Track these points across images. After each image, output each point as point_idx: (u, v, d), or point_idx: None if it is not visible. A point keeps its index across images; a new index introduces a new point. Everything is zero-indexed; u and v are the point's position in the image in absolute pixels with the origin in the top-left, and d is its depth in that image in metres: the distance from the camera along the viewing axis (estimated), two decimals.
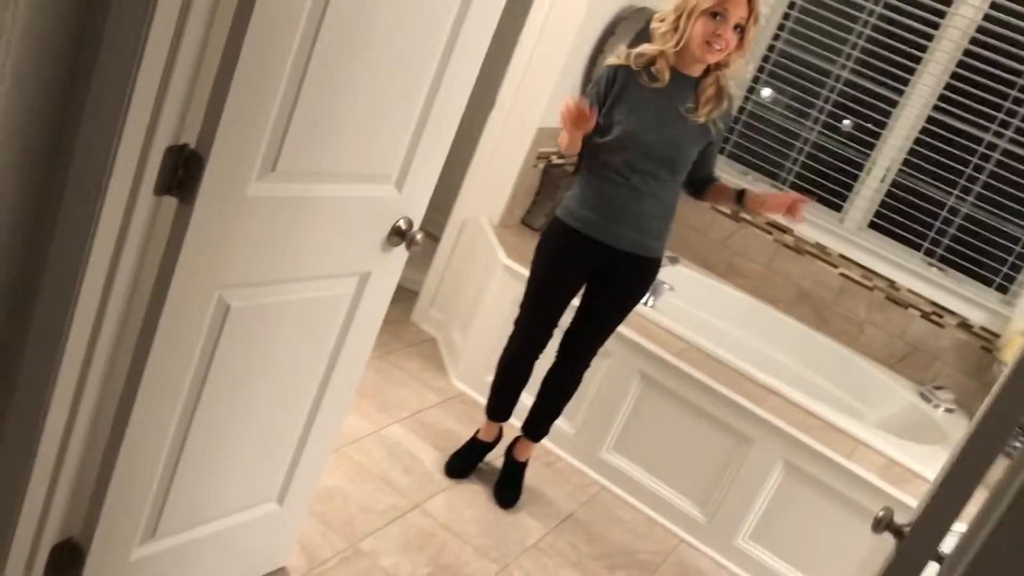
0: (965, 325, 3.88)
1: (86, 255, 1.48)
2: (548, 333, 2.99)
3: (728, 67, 2.74)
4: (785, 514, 3.12)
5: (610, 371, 3.35)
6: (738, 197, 2.83)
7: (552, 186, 3.90)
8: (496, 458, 3.24)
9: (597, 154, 2.79)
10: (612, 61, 2.79)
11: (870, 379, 3.91)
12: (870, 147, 4.11)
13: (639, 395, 3.33)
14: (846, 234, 4.12)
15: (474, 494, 3.08)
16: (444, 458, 3.16)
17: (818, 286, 4.19)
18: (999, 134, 3.82)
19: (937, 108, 3.94)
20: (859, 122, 4.13)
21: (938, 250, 4.01)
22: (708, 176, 2.91)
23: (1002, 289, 3.90)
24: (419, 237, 2.01)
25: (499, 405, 3.13)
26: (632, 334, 3.29)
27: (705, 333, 3.63)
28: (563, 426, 3.41)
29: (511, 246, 3.65)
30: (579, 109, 2.54)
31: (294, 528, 2.34)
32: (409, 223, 2.01)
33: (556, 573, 2.86)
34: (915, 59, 3.97)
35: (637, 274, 2.90)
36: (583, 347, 3.01)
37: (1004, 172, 3.83)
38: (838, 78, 4.14)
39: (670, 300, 3.92)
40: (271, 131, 1.59)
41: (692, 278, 4.19)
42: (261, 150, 1.60)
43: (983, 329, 3.85)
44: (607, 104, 2.74)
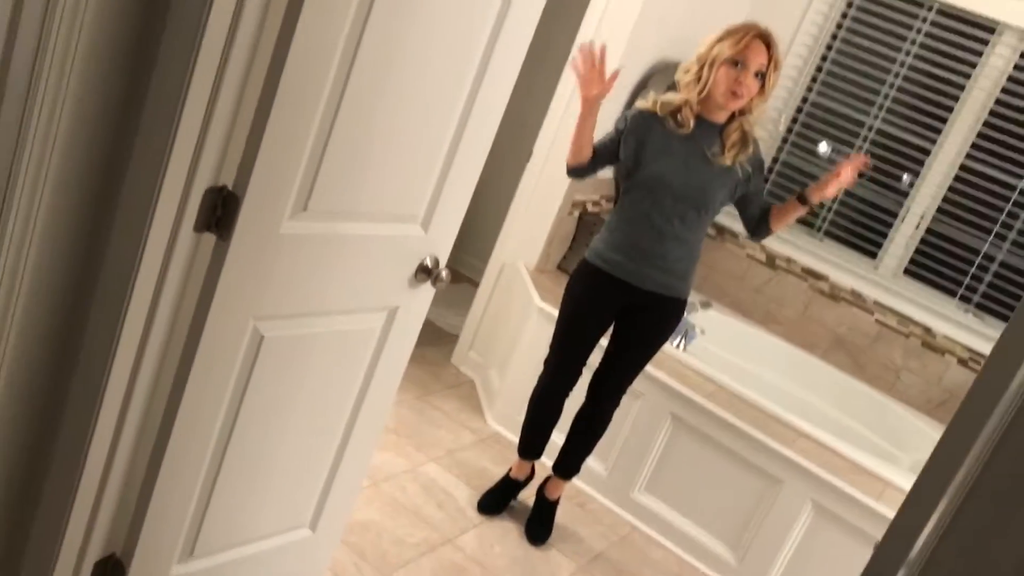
0: None
1: (131, 286, 1.61)
2: (577, 371, 3.07)
3: (751, 113, 2.84)
4: (815, 556, 3.13)
5: (641, 412, 3.41)
6: (800, 200, 2.90)
7: (587, 233, 4.01)
8: (528, 496, 3.31)
9: (625, 198, 2.89)
10: (641, 105, 2.90)
11: (906, 424, 3.91)
12: (904, 194, 4.15)
13: (670, 436, 3.39)
14: (881, 280, 4.15)
15: (505, 531, 3.15)
16: (477, 495, 3.24)
17: (854, 332, 4.21)
18: None
19: (970, 156, 3.98)
20: (892, 170, 4.18)
21: (974, 296, 4.02)
22: (763, 210, 2.98)
23: None
24: (444, 274, 2.12)
25: (530, 443, 3.21)
26: (663, 376, 3.36)
27: (739, 377, 3.68)
28: (595, 466, 3.47)
29: (546, 289, 3.76)
30: (593, 56, 2.63)
31: (327, 555, 2.43)
32: (435, 261, 2.12)
33: None
34: (947, 108, 4.02)
35: (663, 314, 2.98)
36: (612, 387, 3.09)
37: None
38: (871, 128, 4.20)
39: (702, 344, 3.97)
40: (303, 173, 1.73)
41: (726, 323, 4.24)
42: (294, 190, 1.73)
43: None
44: (631, 147, 2.84)
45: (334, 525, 2.37)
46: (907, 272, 4.17)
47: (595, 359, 3.09)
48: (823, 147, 4.37)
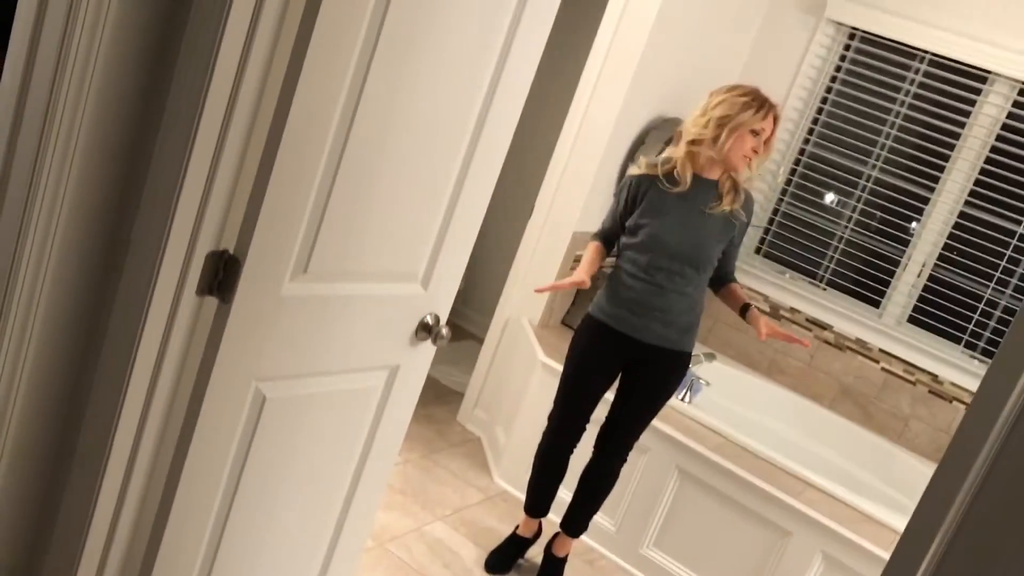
0: None
1: (135, 350, 1.64)
2: (581, 426, 3.07)
3: (749, 169, 2.89)
4: None
5: (648, 466, 3.40)
6: (743, 310, 2.99)
7: (591, 287, 4.03)
8: (536, 554, 3.28)
9: (625, 255, 2.93)
10: (634, 171, 2.95)
11: (916, 473, 3.88)
12: (905, 243, 4.18)
13: (677, 490, 3.37)
14: (886, 329, 4.15)
15: None
16: (484, 554, 3.22)
17: (861, 382, 4.20)
18: None
19: (968, 203, 4.01)
20: (892, 218, 4.21)
21: (979, 343, 4.02)
22: (727, 275, 3.04)
23: None
24: (445, 332, 2.14)
25: (536, 500, 3.19)
26: (669, 429, 3.35)
27: (746, 429, 3.67)
28: (603, 522, 3.45)
29: (550, 345, 3.77)
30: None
31: None
32: (436, 318, 2.14)
33: None
34: (944, 156, 4.06)
35: (667, 368, 2.99)
36: (618, 442, 3.08)
37: None
38: (869, 177, 4.25)
39: (708, 396, 3.97)
40: (303, 235, 1.76)
41: (732, 374, 4.24)
42: (294, 253, 1.76)
43: None
44: (631, 210, 2.90)
45: None
46: (911, 320, 4.18)
47: (601, 414, 3.09)
48: (829, 196, 4.41)
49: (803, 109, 4.37)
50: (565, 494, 3.21)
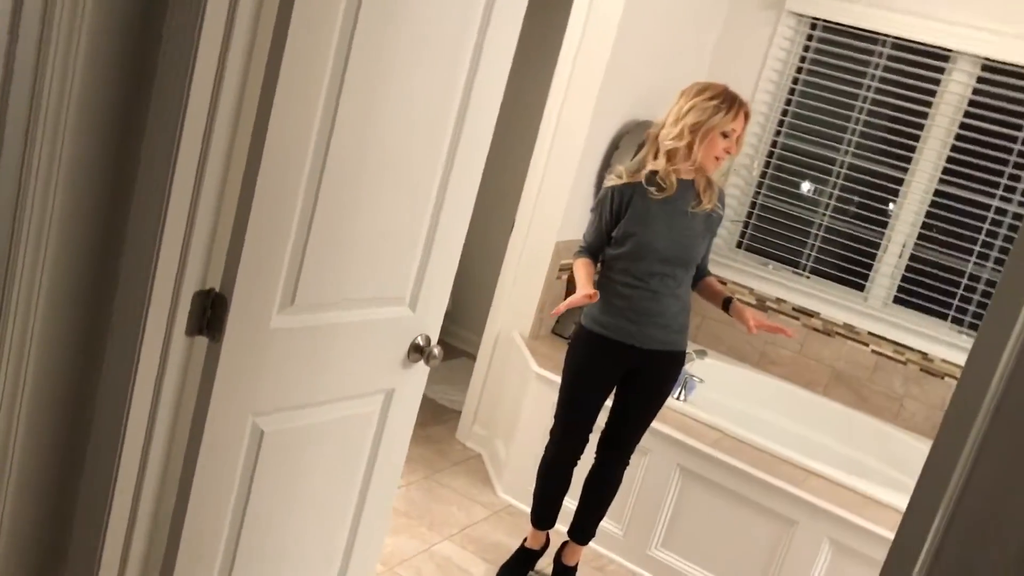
0: None
1: (130, 396, 1.64)
2: (583, 439, 3.08)
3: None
4: None
5: (649, 467, 3.41)
6: (725, 304, 3.01)
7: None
8: (546, 565, 3.29)
9: (615, 265, 2.93)
10: (612, 182, 2.94)
11: (914, 452, 3.90)
12: (884, 225, 4.22)
13: (680, 488, 3.38)
14: (872, 311, 4.19)
15: None
16: (494, 570, 3.22)
17: (852, 366, 4.23)
18: (1006, 198, 3.92)
19: (943, 181, 4.06)
20: (869, 202, 4.26)
21: (966, 317, 4.05)
22: (702, 269, 3.06)
23: None
24: (437, 351, 2.15)
25: (543, 513, 3.20)
26: (667, 429, 3.37)
27: (743, 422, 3.69)
28: (610, 527, 3.46)
29: (542, 356, 3.78)
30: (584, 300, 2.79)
31: None
32: (427, 339, 2.15)
33: None
34: (914, 137, 4.11)
35: (665, 370, 3.01)
36: (620, 447, 3.10)
37: (1017, 234, 3.90)
38: (842, 163, 4.29)
39: (702, 393, 3.99)
40: (287, 267, 1.77)
41: (724, 369, 4.26)
42: (280, 287, 1.77)
43: None
44: (616, 221, 2.90)
45: None
46: (896, 300, 4.21)
47: (600, 420, 3.10)
48: (806, 185, 4.44)
49: (771, 102, 4.41)
50: (570, 502, 3.22)
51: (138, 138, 1.58)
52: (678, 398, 3.82)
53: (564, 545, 3.25)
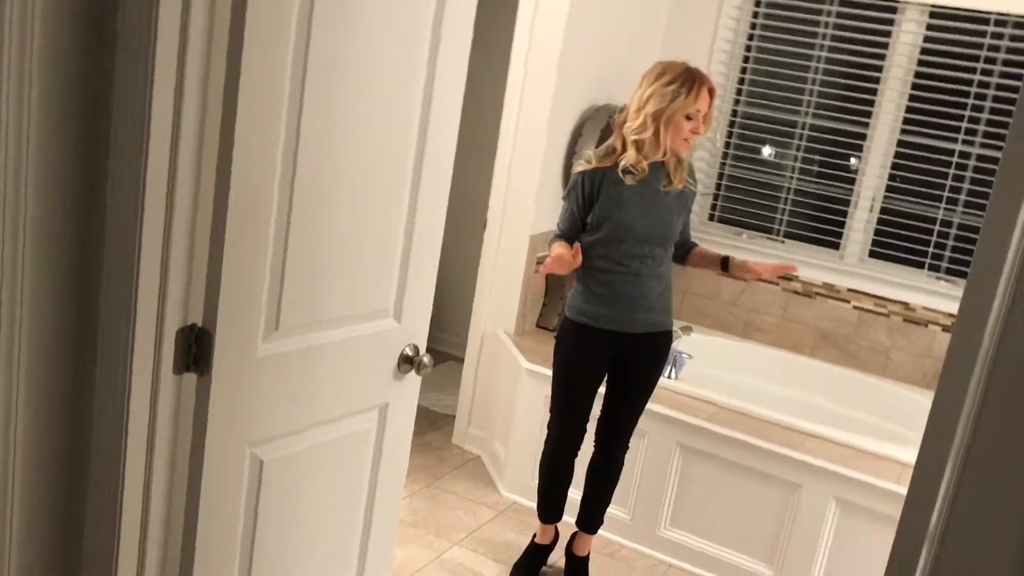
0: None
1: (124, 441, 1.62)
2: (581, 431, 3.07)
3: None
4: (851, 550, 3.13)
5: (649, 449, 3.42)
6: (723, 264, 2.99)
7: (558, 285, 4.05)
8: (558, 558, 3.29)
9: (592, 252, 2.92)
10: (582, 168, 2.92)
11: (908, 402, 3.94)
12: (851, 181, 4.24)
13: (682, 466, 3.39)
14: (849, 268, 4.21)
15: None
16: (507, 569, 3.22)
17: (836, 324, 4.26)
18: (968, 141, 3.95)
19: (904, 131, 4.09)
20: (834, 160, 4.28)
21: (942, 263, 4.09)
22: (687, 241, 3.05)
23: None
24: (427, 360, 2.14)
25: (548, 507, 3.19)
26: (662, 408, 3.37)
27: (736, 392, 3.70)
28: (617, 512, 3.46)
29: (530, 350, 3.78)
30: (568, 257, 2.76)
31: None
32: (415, 349, 2.14)
33: None
34: (871, 91, 4.14)
35: (654, 351, 3.02)
36: (618, 432, 3.10)
37: (984, 176, 3.94)
38: (804, 125, 4.31)
39: (693, 369, 4.00)
40: (268, 293, 1.75)
41: (711, 343, 4.28)
42: (262, 314, 1.75)
43: None
44: (591, 206, 2.89)
45: None
46: (872, 254, 4.24)
47: (596, 408, 3.09)
48: (767, 150, 4.46)
49: (727, 72, 4.42)
50: (575, 492, 3.22)
51: (104, 176, 1.55)
52: (669, 376, 3.83)
53: (574, 536, 3.25)
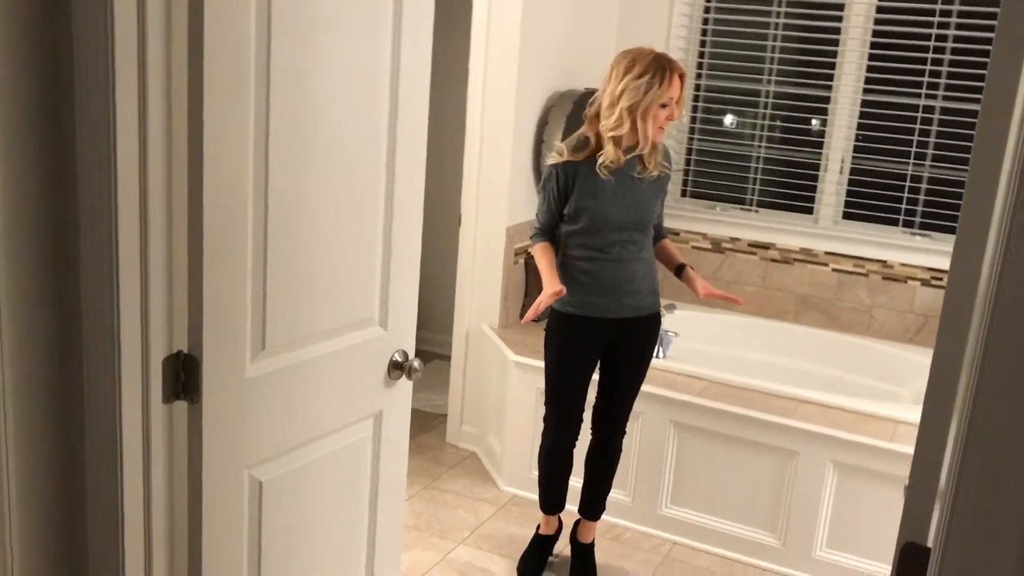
0: None
1: (120, 477, 1.59)
2: (578, 421, 3.07)
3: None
4: (852, 511, 3.15)
5: (644, 430, 3.42)
6: (678, 270, 3.05)
7: (537, 275, 4.03)
8: (564, 547, 3.29)
9: (572, 242, 2.91)
10: (555, 160, 2.89)
11: (893, 359, 3.97)
12: (819, 145, 4.26)
13: (678, 444, 3.40)
14: (824, 232, 4.24)
15: None
16: (514, 563, 3.21)
17: (817, 288, 4.28)
18: (931, 95, 3.98)
19: (867, 90, 4.11)
20: (801, 126, 4.29)
21: (915, 218, 4.12)
22: (658, 230, 3.06)
23: None
24: (417, 364, 2.13)
25: (550, 498, 3.19)
26: (653, 388, 3.37)
27: (725, 365, 3.72)
28: (618, 496, 3.47)
29: (516, 343, 3.77)
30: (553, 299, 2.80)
31: None
32: (404, 354, 2.12)
33: None
34: (831, 53, 4.15)
35: (644, 334, 3.02)
36: (614, 418, 3.10)
37: (949, 128, 3.98)
38: (768, 93, 4.32)
39: (680, 346, 4.01)
40: (251, 316, 1.73)
41: (695, 318, 4.29)
42: (248, 335, 1.73)
43: None
44: (567, 198, 2.88)
45: None
46: (846, 216, 4.27)
47: (590, 396, 3.09)
48: (728, 119, 4.48)
49: (687, 46, 4.42)
50: (575, 481, 3.22)
51: (74, 235, 1.52)
52: (657, 356, 3.81)
53: (577, 524, 3.25)
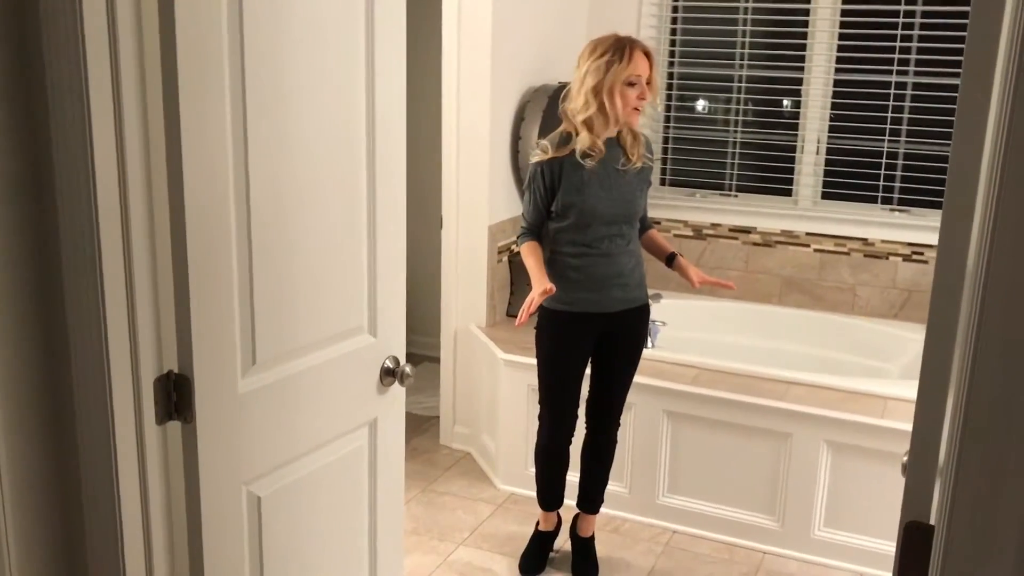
0: None
1: (117, 501, 1.58)
2: (573, 418, 3.07)
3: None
4: (848, 490, 3.17)
5: (637, 421, 3.43)
6: (669, 259, 3.06)
7: (522, 272, 4.03)
8: (564, 542, 3.29)
9: (561, 238, 2.91)
10: (538, 158, 2.89)
11: (879, 336, 4.00)
12: (794, 127, 4.28)
13: (672, 433, 3.41)
14: (804, 213, 4.26)
15: None
16: (515, 561, 3.21)
17: (799, 269, 4.30)
18: (902, 72, 4.00)
19: (839, 70, 4.13)
20: (775, 108, 4.31)
21: (893, 195, 4.14)
22: (644, 222, 3.08)
23: None
24: (408, 369, 2.12)
25: (548, 495, 3.19)
26: (644, 379, 3.38)
27: (714, 352, 3.73)
28: (615, 488, 3.47)
29: (505, 341, 3.77)
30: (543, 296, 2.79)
31: None
32: (395, 360, 2.12)
33: None
34: (801, 35, 4.17)
35: (634, 327, 3.03)
36: (609, 412, 3.10)
37: (922, 104, 4.00)
38: (740, 78, 4.33)
39: (668, 335, 4.02)
40: (240, 331, 1.72)
41: (681, 306, 4.30)
42: (237, 351, 1.72)
43: None
44: (553, 195, 2.88)
45: None
46: (825, 196, 4.29)
47: (584, 390, 3.09)
48: (700, 104, 4.49)
49: (658, 35, 4.42)
50: (572, 475, 3.22)
51: (56, 263, 1.51)
52: (645, 346, 3.83)
53: (576, 518, 3.25)
